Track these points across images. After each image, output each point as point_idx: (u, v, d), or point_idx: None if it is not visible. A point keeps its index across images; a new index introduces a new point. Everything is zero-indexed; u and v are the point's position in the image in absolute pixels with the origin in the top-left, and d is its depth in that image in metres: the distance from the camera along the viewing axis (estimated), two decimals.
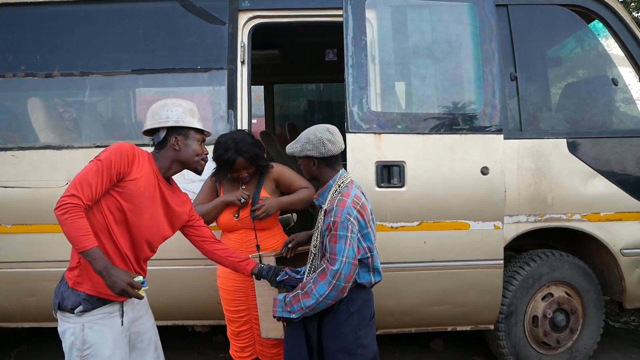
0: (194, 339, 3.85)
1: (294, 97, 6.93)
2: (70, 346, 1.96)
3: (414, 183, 2.89)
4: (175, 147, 2.11)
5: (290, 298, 2.09)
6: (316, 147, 2.13)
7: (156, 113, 2.12)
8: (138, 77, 3.12)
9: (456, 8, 3.05)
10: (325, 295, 2.01)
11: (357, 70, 2.95)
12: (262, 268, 2.33)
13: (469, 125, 2.97)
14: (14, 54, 3.04)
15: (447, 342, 3.79)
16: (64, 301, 1.95)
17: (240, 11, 3.04)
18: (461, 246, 2.95)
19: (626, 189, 3.06)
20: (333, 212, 2.05)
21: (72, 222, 1.79)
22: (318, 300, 2.02)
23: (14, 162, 2.92)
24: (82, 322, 1.94)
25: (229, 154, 2.49)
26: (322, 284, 2.01)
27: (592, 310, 3.22)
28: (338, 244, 2.01)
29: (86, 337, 1.94)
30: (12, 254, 2.94)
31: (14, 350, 3.70)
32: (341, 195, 2.10)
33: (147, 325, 2.19)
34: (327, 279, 2.00)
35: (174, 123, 2.09)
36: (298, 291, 2.08)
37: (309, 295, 2.03)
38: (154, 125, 2.10)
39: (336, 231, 2.02)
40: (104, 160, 1.90)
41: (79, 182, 1.85)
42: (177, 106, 2.12)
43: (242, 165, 2.53)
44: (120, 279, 1.82)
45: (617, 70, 3.25)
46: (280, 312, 2.12)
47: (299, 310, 2.06)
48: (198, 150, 2.15)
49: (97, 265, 1.81)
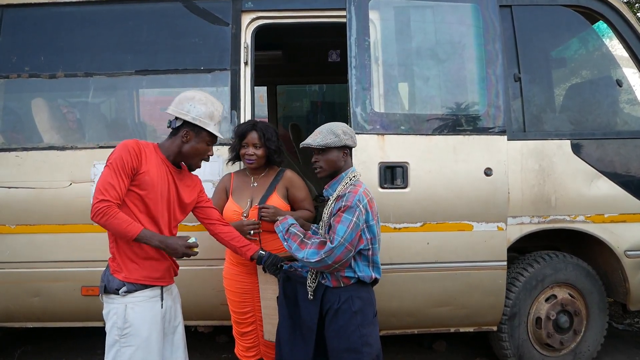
0: (197, 340, 3.85)
1: (297, 98, 6.93)
2: (112, 326, 2.10)
3: (417, 184, 2.89)
4: (184, 139, 2.21)
5: (294, 231, 2.23)
6: (352, 137, 2.27)
7: (181, 102, 2.21)
8: (141, 78, 3.13)
9: (459, 9, 3.04)
10: (310, 261, 2.11)
11: (361, 71, 2.95)
12: (261, 255, 2.43)
13: (473, 126, 2.96)
14: (18, 55, 3.05)
15: (450, 343, 3.78)
16: (109, 283, 2.09)
17: (244, 12, 3.04)
18: (464, 247, 2.94)
19: (630, 190, 3.05)
20: (345, 197, 2.13)
21: (113, 220, 1.97)
22: (302, 260, 2.15)
23: (18, 163, 2.92)
24: (125, 303, 2.08)
25: (245, 125, 2.61)
26: (314, 252, 2.11)
27: (595, 312, 3.21)
28: (341, 224, 2.09)
29: (127, 317, 2.08)
30: (15, 254, 2.94)
31: (18, 350, 3.70)
32: (353, 186, 2.19)
33: (178, 315, 2.34)
34: (320, 252, 2.09)
35: (191, 120, 2.17)
36: (301, 236, 2.19)
37: (303, 249, 2.15)
38: (174, 113, 2.20)
39: (343, 213, 2.10)
40: (115, 161, 2.03)
41: (102, 186, 2.00)
42: (202, 104, 2.20)
43: (252, 140, 2.58)
44: (178, 245, 2.08)
45: (621, 71, 3.23)
46: (279, 230, 2.29)
47: (289, 247, 2.22)
48: (202, 151, 2.24)
49: (153, 242, 2.05)
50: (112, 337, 2.10)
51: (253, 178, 2.67)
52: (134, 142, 2.11)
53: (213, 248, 2.85)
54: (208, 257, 2.91)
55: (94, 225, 2.84)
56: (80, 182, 2.90)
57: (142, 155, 2.10)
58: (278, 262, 2.41)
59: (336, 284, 2.19)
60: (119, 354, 2.09)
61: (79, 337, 3.88)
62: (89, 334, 3.73)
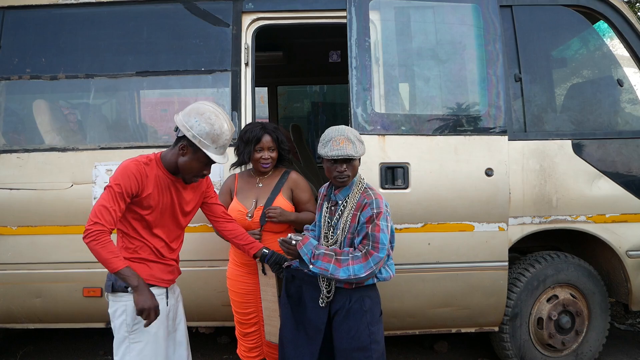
0: (198, 340, 3.85)
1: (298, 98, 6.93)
2: (121, 323, 2.10)
3: (418, 184, 2.89)
4: (181, 152, 2.14)
5: (321, 252, 2.14)
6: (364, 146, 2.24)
7: (189, 114, 2.12)
8: (142, 79, 3.13)
9: (460, 9, 3.04)
10: (359, 276, 2.08)
11: (361, 72, 2.95)
12: (264, 253, 2.42)
13: (473, 127, 2.96)
14: (19, 57, 3.05)
15: (451, 344, 3.77)
16: (117, 281, 2.07)
17: (244, 13, 3.05)
18: (465, 248, 2.94)
19: (632, 190, 3.04)
20: (375, 204, 2.14)
21: (100, 247, 1.95)
22: (349, 277, 2.08)
23: (20, 164, 2.93)
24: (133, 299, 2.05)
25: (256, 131, 2.55)
26: (361, 266, 2.08)
27: (597, 312, 3.21)
28: (382, 233, 2.10)
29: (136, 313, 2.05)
30: (17, 255, 2.95)
31: (20, 351, 3.71)
32: (371, 190, 2.21)
33: (180, 314, 2.37)
34: (370, 264, 2.08)
35: (191, 137, 2.08)
36: (332, 253, 2.13)
37: (341, 267, 2.08)
38: (178, 123, 2.13)
39: (379, 221, 2.11)
40: (114, 187, 2.02)
41: (98, 210, 1.98)
42: (208, 124, 2.09)
43: (267, 143, 2.56)
44: (150, 300, 2.00)
45: (622, 71, 3.23)
46: (303, 253, 2.17)
47: (321, 269, 2.11)
48: (195, 169, 2.16)
49: (132, 282, 1.99)
50: (121, 334, 2.11)
51: (259, 179, 2.67)
52: (135, 167, 2.07)
53: (215, 249, 2.86)
54: (209, 258, 2.93)
55: None
56: (81, 184, 2.90)
57: (142, 180, 2.08)
58: (282, 261, 2.41)
59: (349, 286, 2.19)
60: (129, 350, 2.10)
61: (80, 338, 3.88)
62: (90, 335, 3.74)
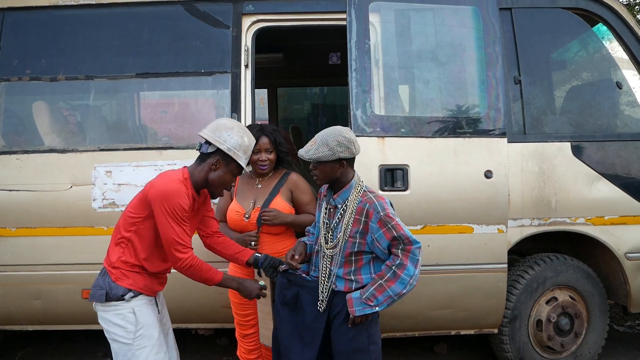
0: (198, 342, 3.85)
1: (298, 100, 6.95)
2: (122, 333, 2.09)
3: (417, 186, 2.89)
4: (213, 167, 2.18)
5: (371, 291, 2.07)
6: (348, 148, 2.12)
7: (219, 130, 2.18)
8: (142, 81, 3.13)
9: (460, 11, 3.05)
10: (415, 275, 2.05)
11: (361, 74, 2.95)
12: (257, 257, 2.39)
13: (473, 129, 2.97)
14: (19, 58, 3.05)
15: (450, 346, 3.77)
16: (112, 290, 2.08)
17: (244, 15, 3.05)
18: (465, 250, 2.94)
19: (631, 192, 3.05)
20: (379, 207, 2.10)
21: (197, 271, 2.14)
22: (409, 283, 2.04)
23: (19, 166, 2.93)
24: (131, 306, 2.10)
25: (254, 132, 2.52)
26: (410, 266, 2.04)
27: (596, 314, 3.21)
28: (404, 229, 2.08)
29: (139, 318, 2.10)
30: (17, 257, 2.95)
31: (19, 353, 3.70)
32: (371, 193, 2.18)
33: (168, 318, 2.40)
34: (412, 257, 2.05)
35: (226, 150, 2.15)
36: (379, 281, 2.07)
37: (396, 280, 2.04)
38: (211, 139, 2.16)
39: (394, 220, 2.08)
40: (176, 212, 2.05)
41: (177, 237, 2.06)
42: (239, 136, 2.19)
43: (264, 145, 2.54)
44: (254, 287, 2.27)
45: (621, 74, 3.24)
46: (360, 311, 2.09)
47: (385, 301, 2.06)
48: (227, 181, 2.23)
49: (232, 285, 2.27)
50: (124, 343, 2.10)
51: (258, 180, 2.67)
52: (185, 189, 2.10)
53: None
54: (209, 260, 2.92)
55: (95, 227, 2.91)
56: (81, 185, 2.90)
57: (189, 200, 2.12)
58: (276, 264, 2.37)
59: (348, 289, 2.17)
60: (135, 357, 2.10)
61: (80, 339, 3.88)
62: (89, 336, 3.74)
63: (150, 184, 2.11)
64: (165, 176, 2.14)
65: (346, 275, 2.17)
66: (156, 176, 2.18)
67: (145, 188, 2.13)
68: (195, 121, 3.20)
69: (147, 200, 2.08)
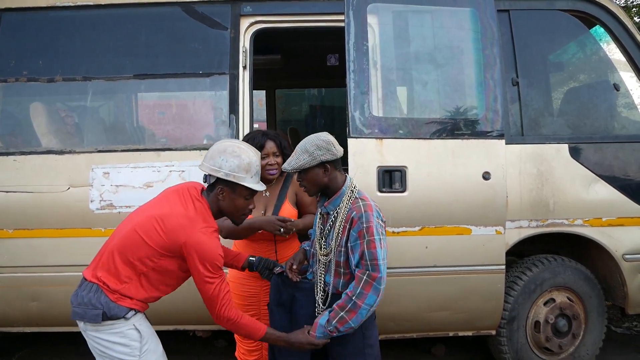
0: (195, 344, 3.85)
1: (296, 102, 6.94)
2: (125, 351, 1.99)
3: (415, 188, 2.89)
4: (220, 197, 2.07)
5: (334, 324, 2.04)
6: (329, 150, 2.06)
7: (212, 157, 2.05)
8: (140, 82, 3.14)
9: (458, 13, 3.05)
10: (375, 303, 2.02)
11: (359, 75, 2.95)
12: (252, 261, 2.37)
13: (471, 130, 2.97)
14: (16, 59, 3.05)
15: (448, 347, 3.77)
16: (111, 311, 1.95)
17: (242, 16, 3.05)
18: (463, 251, 2.94)
19: (628, 194, 3.06)
20: (364, 218, 2.03)
21: (242, 327, 2.06)
22: (369, 312, 2.03)
23: (16, 167, 2.92)
24: (132, 323, 2.00)
25: (258, 138, 2.48)
26: (370, 295, 2.01)
27: (594, 316, 3.21)
28: (378, 249, 2.02)
29: (143, 333, 2.02)
30: (14, 258, 2.94)
31: (16, 354, 3.69)
32: (362, 200, 2.09)
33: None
34: (375, 287, 2.01)
35: (224, 176, 2.02)
36: (340, 313, 2.03)
37: (357, 311, 2.01)
38: (207, 170, 2.06)
39: (372, 236, 2.02)
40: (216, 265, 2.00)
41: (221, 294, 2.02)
42: (234, 157, 2.03)
43: (271, 149, 2.50)
44: (305, 341, 2.08)
45: (618, 76, 3.25)
46: (321, 337, 2.08)
47: (346, 331, 2.05)
48: (241, 206, 2.10)
49: (280, 342, 2.12)
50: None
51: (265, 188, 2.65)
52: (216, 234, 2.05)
53: None
54: None
55: (92, 229, 2.90)
56: (78, 186, 2.90)
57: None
58: (270, 266, 2.36)
59: (341, 291, 2.15)
60: None
61: (78, 341, 3.86)
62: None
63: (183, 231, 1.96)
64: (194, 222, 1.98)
65: (336, 284, 2.15)
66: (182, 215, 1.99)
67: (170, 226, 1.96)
68: (193, 122, 3.20)
69: (177, 247, 1.98)
